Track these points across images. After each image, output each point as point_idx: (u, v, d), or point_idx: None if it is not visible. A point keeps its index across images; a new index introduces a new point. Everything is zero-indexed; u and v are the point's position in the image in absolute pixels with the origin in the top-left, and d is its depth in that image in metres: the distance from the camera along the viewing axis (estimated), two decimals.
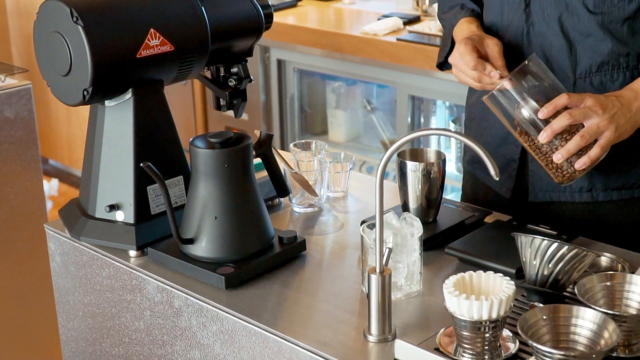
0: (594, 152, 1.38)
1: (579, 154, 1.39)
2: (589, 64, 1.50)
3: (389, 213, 1.37)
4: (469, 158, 1.75)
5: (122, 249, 1.51)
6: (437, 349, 1.19)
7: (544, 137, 1.37)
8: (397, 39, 3.02)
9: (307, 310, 1.35)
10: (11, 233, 2.59)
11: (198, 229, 1.41)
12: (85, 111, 4.90)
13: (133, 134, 1.49)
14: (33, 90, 2.57)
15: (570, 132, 1.38)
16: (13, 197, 2.56)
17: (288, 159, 1.68)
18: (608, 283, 1.22)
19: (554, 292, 1.27)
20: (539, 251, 1.26)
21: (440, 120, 3.25)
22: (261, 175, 1.67)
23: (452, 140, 3.23)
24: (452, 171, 3.22)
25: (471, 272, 1.21)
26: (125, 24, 1.43)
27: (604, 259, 1.39)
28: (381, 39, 3.06)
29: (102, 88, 1.43)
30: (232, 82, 1.63)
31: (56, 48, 1.43)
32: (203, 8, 1.52)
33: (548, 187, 1.58)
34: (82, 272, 1.59)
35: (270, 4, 1.66)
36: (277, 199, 1.71)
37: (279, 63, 3.49)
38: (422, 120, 3.22)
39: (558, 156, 1.38)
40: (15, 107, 2.53)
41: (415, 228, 1.35)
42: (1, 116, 2.49)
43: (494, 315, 1.14)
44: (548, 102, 1.38)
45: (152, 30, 1.45)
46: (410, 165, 1.51)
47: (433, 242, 1.48)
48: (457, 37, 1.59)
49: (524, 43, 1.54)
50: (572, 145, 1.36)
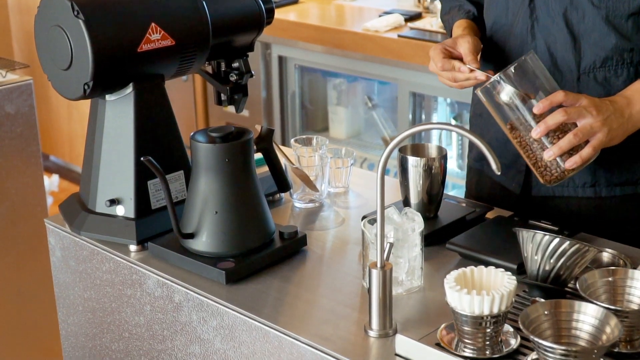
0: (586, 152, 1.37)
1: (569, 154, 1.38)
2: (593, 59, 1.50)
3: (390, 208, 1.37)
4: (475, 155, 1.75)
5: (123, 244, 1.51)
6: (438, 344, 1.18)
7: (537, 133, 1.36)
8: (399, 36, 3.02)
9: (308, 305, 1.34)
10: (12, 228, 2.58)
11: (198, 224, 1.41)
12: (86, 107, 4.88)
13: (134, 129, 1.48)
14: (34, 86, 2.56)
15: (562, 131, 1.37)
16: (14, 193, 2.56)
17: (289, 155, 1.68)
18: (610, 278, 1.22)
19: (556, 288, 1.26)
20: (541, 246, 1.26)
21: (441, 117, 3.25)
22: (261, 170, 1.67)
23: (454, 137, 3.22)
24: (454, 168, 3.22)
25: (472, 267, 1.21)
26: (126, 18, 1.42)
27: (606, 255, 1.39)
28: (382, 36, 3.06)
29: (103, 82, 1.43)
30: (233, 77, 1.62)
31: (57, 42, 1.43)
32: (204, 2, 1.52)
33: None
34: (83, 267, 1.59)
35: None
36: (278, 194, 1.70)
37: (280, 59, 3.49)
38: (424, 117, 3.21)
39: (549, 153, 1.37)
40: (16, 103, 2.52)
41: (416, 223, 1.35)
42: (2, 111, 2.49)
43: (495, 310, 1.14)
44: (544, 98, 1.37)
45: (153, 24, 1.44)
46: (411, 160, 1.51)
47: (434, 238, 1.48)
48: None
49: (528, 38, 1.54)
50: (565, 142, 1.35)
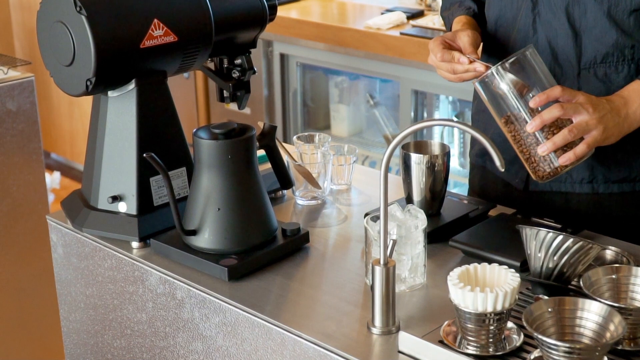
0: (580, 149, 1.36)
1: (563, 150, 1.37)
2: (594, 55, 1.50)
3: (393, 205, 1.37)
4: (477, 151, 1.74)
5: (125, 240, 1.51)
6: (441, 342, 1.18)
7: (532, 127, 1.36)
8: (401, 33, 3.02)
9: (311, 302, 1.34)
10: (13, 225, 2.58)
11: (201, 221, 1.40)
12: (87, 105, 4.88)
13: (136, 125, 1.48)
14: (35, 83, 2.56)
15: (557, 127, 1.36)
16: (15, 190, 2.56)
17: (291, 152, 1.67)
18: (613, 276, 1.21)
19: (559, 285, 1.26)
20: (544, 244, 1.26)
21: (443, 114, 3.24)
22: (264, 168, 1.67)
23: (455, 135, 3.22)
24: (455, 166, 3.21)
25: (476, 265, 1.21)
26: (128, 14, 1.42)
27: (609, 253, 1.38)
28: (385, 33, 3.05)
29: (106, 78, 1.43)
30: (236, 74, 1.62)
31: (59, 38, 1.43)
32: None
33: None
34: (84, 264, 1.59)
35: None
36: (280, 191, 1.70)
37: (282, 57, 3.48)
38: (425, 115, 3.21)
39: (543, 148, 1.36)
40: (17, 100, 2.52)
41: (419, 220, 1.35)
42: (3, 108, 2.49)
43: (499, 307, 1.14)
44: (541, 93, 1.36)
45: (156, 20, 1.44)
46: (414, 157, 1.50)
47: (437, 235, 1.48)
48: None
49: (530, 32, 1.54)
50: (559, 138, 1.35)
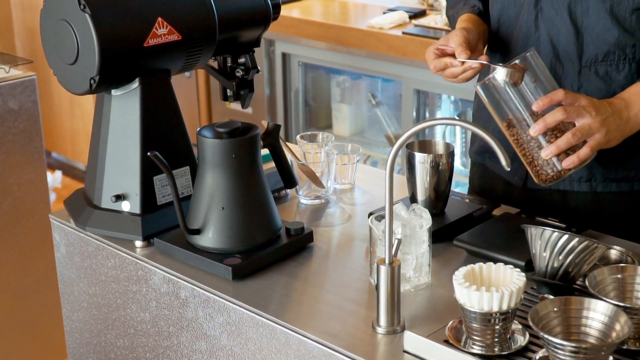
0: (583, 152, 1.36)
1: (566, 154, 1.37)
2: (595, 53, 1.50)
3: (398, 204, 1.36)
4: (477, 148, 1.74)
5: (128, 240, 1.51)
6: (447, 341, 1.18)
7: (535, 130, 1.35)
8: (403, 33, 3.01)
9: (315, 301, 1.34)
10: (15, 225, 2.58)
11: (205, 220, 1.40)
12: (88, 104, 4.87)
13: (139, 124, 1.48)
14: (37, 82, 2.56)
15: (560, 131, 1.36)
16: (17, 189, 2.56)
17: (295, 151, 1.67)
18: (619, 275, 1.21)
19: (564, 285, 1.26)
20: (549, 243, 1.25)
21: (445, 114, 3.24)
22: (267, 167, 1.66)
23: (457, 134, 3.22)
24: (457, 165, 3.21)
25: (481, 264, 1.20)
26: (132, 12, 1.42)
27: (613, 252, 1.38)
28: (387, 33, 3.05)
29: (109, 77, 1.42)
30: (239, 73, 1.62)
31: (63, 36, 1.42)
32: None
33: None
34: (87, 263, 1.58)
35: None
36: (284, 191, 1.70)
37: (284, 56, 3.48)
38: (428, 114, 3.20)
39: (547, 152, 1.36)
40: (19, 98, 2.52)
41: (424, 220, 1.34)
42: (5, 107, 2.48)
43: (504, 306, 1.13)
44: (544, 96, 1.36)
45: (160, 19, 1.44)
46: (418, 156, 1.50)
47: (441, 234, 1.47)
48: None
49: (532, 29, 1.54)
50: (563, 142, 1.35)
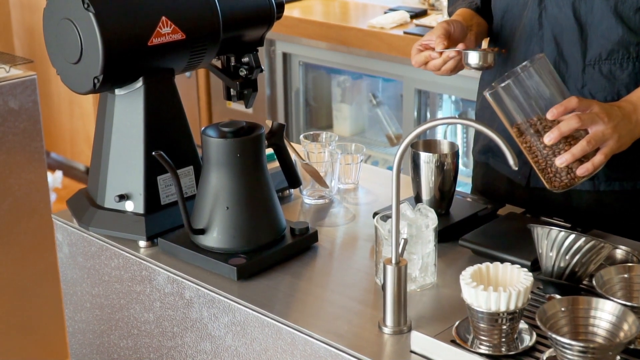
0: (598, 159, 1.35)
1: (580, 161, 1.36)
2: (599, 51, 1.50)
3: (404, 204, 1.36)
4: (480, 148, 1.74)
5: (132, 240, 1.50)
6: (454, 341, 1.17)
7: (550, 139, 1.33)
8: (404, 32, 3.01)
9: (320, 301, 1.33)
10: (15, 225, 2.57)
11: (210, 220, 1.40)
12: (87, 104, 4.84)
13: (143, 123, 1.47)
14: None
15: (573, 137, 1.35)
16: (17, 189, 2.55)
17: (299, 150, 1.67)
18: (625, 275, 1.21)
19: (571, 284, 1.25)
20: (556, 243, 1.25)
21: (446, 114, 3.24)
22: (270, 166, 1.66)
23: (459, 134, 3.21)
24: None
25: (488, 264, 1.20)
26: (136, 11, 1.41)
27: (619, 252, 1.37)
28: (388, 33, 3.04)
29: (113, 76, 1.42)
30: (243, 72, 1.61)
31: (66, 35, 1.42)
32: None
33: None
34: (91, 263, 1.58)
35: None
36: (288, 190, 1.69)
37: (285, 56, 3.47)
38: (429, 114, 3.20)
39: (562, 160, 1.34)
40: (19, 98, 2.51)
41: (430, 219, 1.34)
42: (6, 107, 2.48)
43: (512, 306, 1.13)
44: (558, 104, 1.34)
45: (164, 18, 1.43)
46: (423, 156, 1.49)
47: (446, 234, 1.47)
48: None
49: (536, 27, 1.53)
50: (578, 150, 1.33)
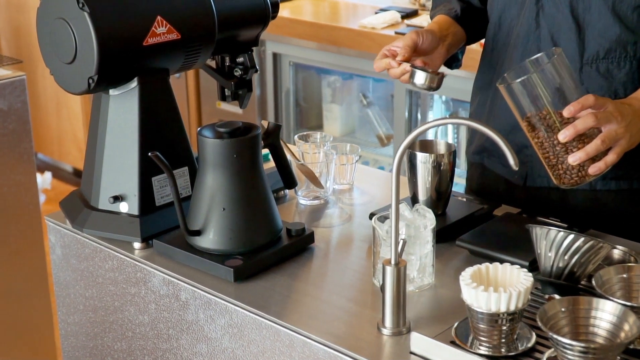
0: (610, 159, 1.34)
1: (592, 159, 1.35)
2: (597, 50, 1.50)
3: (402, 204, 1.35)
4: (475, 148, 1.73)
5: (126, 241, 1.49)
6: (453, 342, 1.17)
7: (565, 136, 1.32)
8: (396, 33, 3.01)
9: (318, 303, 1.33)
10: (4, 226, 2.55)
11: (206, 221, 1.39)
12: (75, 105, 4.81)
13: (138, 124, 1.46)
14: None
15: (587, 136, 1.34)
16: (6, 190, 2.52)
17: (294, 151, 1.66)
18: (625, 275, 1.20)
19: (570, 285, 1.25)
20: (555, 243, 1.24)
21: (437, 114, 3.24)
22: (265, 167, 1.65)
23: (449, 135, 3.21)
24: None
25: (487, 264, 1.19)
26: (132, 11, 1.40)
27: (616, 252, 1.37)
28: (379, 33, 3.04)
29: (108, 76, 1.41)
30: (238, 72, 1.61)
31: (60, 35, 1.40)
32: None
33: (547, 173, 1.56)
34: (84, 265, 1.56)
35: None
36: (283, 191, 1.68)
37: (275, 57, 3.46)
38: (420, 115, 3.20)
39: (575, 157, 1.33)
40: (8, 99, 2.48)
41: (428, 220, 1.33)
42: None
43: (512, 307, 1.13)
44: (574, 102, 1.33)
45: (159, 17, 1.42)
46: (420, 156, 1.49)
47: (443, 235, 1.46)
48: None
49: (533, 25, 1.53)
50: (592, 148, 1.32)
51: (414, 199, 1.52)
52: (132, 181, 1.47)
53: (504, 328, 1.14)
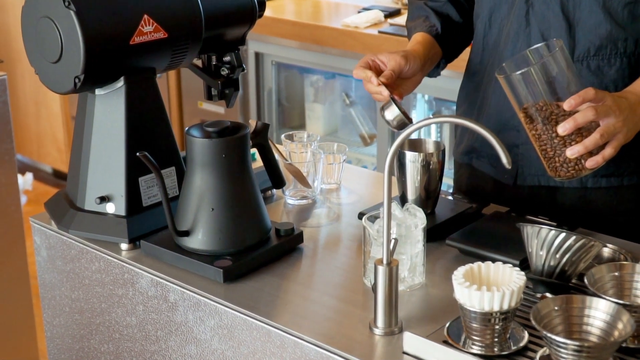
0: (608, 152, 1.35)
1: (589, 153, 1.35)
2: (587, 47, 1.50)
3: (392, 204, 1.34)
4: (464, 149, 1.73)
5: (113, 242, 1.47)
6: (446, 342, 1.16)
7: (565, 130, 1.32)
8: (379, 32, 3.00)
9: (309, 303, 1.32)
10: None
11: (194, 221, 1.37)
12: (55, 105, 4.76)
13: (125, 124, 1.44)
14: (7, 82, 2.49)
15: (585, 129, 1.34)
16: None
17: (282, 150, 1.65)
18: (616, 273, 1.21)
19: (561, 283, 1.25)
20: (546, 242, 1.24)
21: (420, 114, 3.24)
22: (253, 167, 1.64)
23: (432, 134, 3.21)
24: None
25: (480, 263, 1.19)
26: (118, 10, 1.38)
27: (606, 250, 1.38)
28: (363, 32, 3.04)
29: (94, 75, 1.39)
30: (225, 71, 1.59)
31: (46, 34, 1.38)
32: None
33: (537, 171, 1.57)
34: (70, 267, 1.54)
35: None
36: (270, 191, 1.67)
37: (257, 56, 3.45)
38: None
39: (574, 151, 1.33)
40: None
41: (418, 219, 1.33)
42: None
43: (505, 306, 1.12)
44: (575, 95, 1.32)
45: (146, 16, 1.41)
46: (409, 155, 1.48)
47: (433, 234, 1.46)
48: None
49: (523, 24, 1.53)
50: (590, 142, 1.32)
51: (403, 198, 1.52)
52: (119, 181, 1.46)
53: (497, 327, 1.14)
